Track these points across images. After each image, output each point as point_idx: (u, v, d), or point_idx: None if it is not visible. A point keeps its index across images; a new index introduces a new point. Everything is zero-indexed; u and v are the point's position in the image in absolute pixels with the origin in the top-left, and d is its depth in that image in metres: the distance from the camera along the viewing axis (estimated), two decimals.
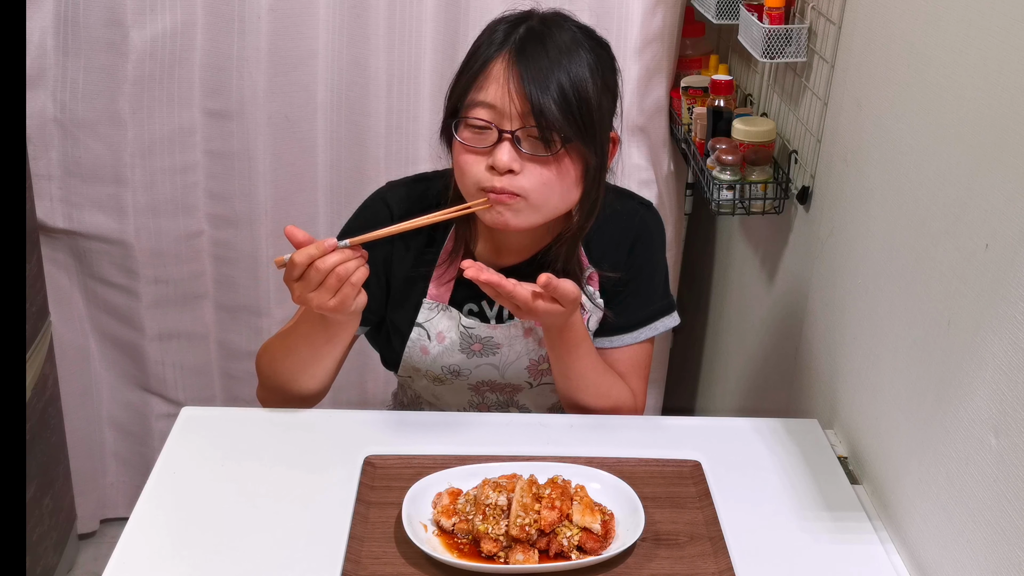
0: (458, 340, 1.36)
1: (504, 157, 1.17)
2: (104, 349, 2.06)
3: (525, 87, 1.16)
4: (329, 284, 1.15)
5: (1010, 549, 0.90)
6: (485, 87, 1.18)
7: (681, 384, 2.37)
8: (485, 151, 1.19)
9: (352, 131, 1.91)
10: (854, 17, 1.35)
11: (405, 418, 1.36)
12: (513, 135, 1.18)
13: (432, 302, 1.36)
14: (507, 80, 1.17)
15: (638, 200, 1.43)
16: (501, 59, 1.18)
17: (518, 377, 1.40)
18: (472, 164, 1.20)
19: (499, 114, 1.18)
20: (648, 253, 1.38)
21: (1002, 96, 0.94)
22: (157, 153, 1.87)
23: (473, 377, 1.40)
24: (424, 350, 1.37)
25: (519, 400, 1.45)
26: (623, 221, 1.38)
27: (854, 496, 1.22)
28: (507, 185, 1.18)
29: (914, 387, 1.11)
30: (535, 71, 1.17)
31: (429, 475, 1.17)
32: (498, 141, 1.18)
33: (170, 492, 1.18)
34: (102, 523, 2.20)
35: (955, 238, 1.03)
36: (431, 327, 1.36)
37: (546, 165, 1.19)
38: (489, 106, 1.18)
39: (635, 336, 1.39)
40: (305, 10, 1.80)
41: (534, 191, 1.19)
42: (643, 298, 1.39)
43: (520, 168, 1.18)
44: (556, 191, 1.21)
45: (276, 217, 1.94)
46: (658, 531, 1.13)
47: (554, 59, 1.18)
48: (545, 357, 1.38)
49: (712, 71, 1.84)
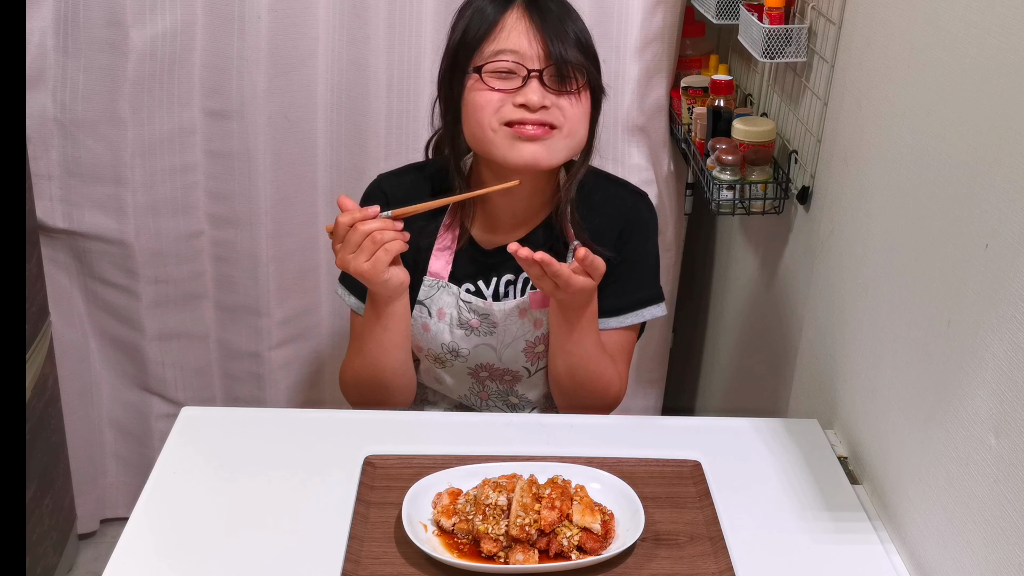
0: (457, 316, 1.40)
1: (535, 95, 1.27)
2: (104, 349, 2.06)
3: (544, 31, 1.27)
4: (365, 247, 1.25)
5: (1010, 549, 0.90)
6: (503, 35, 1.28)
7: (681, 384, 2.36)
8: (511, 91, 1.28)
9: (352, 131, 1.91)
10: (854, 17, 1.35)
11: (405, 418, 1.36)
12: (541, 74, 1.27)
13: (432, 279, 1.41)
14: (527, 27, 1.28)
15: (632, 188, 1.48)
16: (514, 11, 1.29)
17: (515, 361, 1.43)
18: (496, 100, 1.28)
19: (522, 57, 1.28)
20: (640, 240, 1.43)
21: (1002, 96, 0.94)
22: (157, 153, 1.87)
23: (472, 359, 1.42)
24: (425, 327, 1.41)
25: (518, 390, 1.47)
26: (616, 205, 1.42)
27: (854, 496, 1.22)
28: (543, 118, 1.27)
29: (914, 387, 1.11)
30: (549, 18, 1.29)
31: (429, 475, 1.17)
32: (523, 84, 1.27)
33: (170, 492, 1.18)
34: (102, 523, 2.20)
35: (955, 238, 1.03)
36: (431, 304, 1.41)
37: (572, 98, 1.29)
38: (512, 51, 1.27)
39: (621, 320, 1.42)
40: (305, 10, 1.80)
41: (567, 123, 1.29)
42: (631, 283, 1.42)
43: (550, 103, 1.28)
44: (583, 123, 1.32)
45: (276, 217, 1.94)
46: (658, 531, 1.13)
47: (560, 9, 1.31)
48: (541, 339, 1.41)
49: (712, 71, 1.84)
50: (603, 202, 1.41)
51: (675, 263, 2.07)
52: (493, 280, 1.42)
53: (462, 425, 1.35)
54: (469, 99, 1.30)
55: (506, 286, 1.42)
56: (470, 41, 1.29)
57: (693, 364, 2.30)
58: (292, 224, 1.97)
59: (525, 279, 1.42)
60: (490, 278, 1.42)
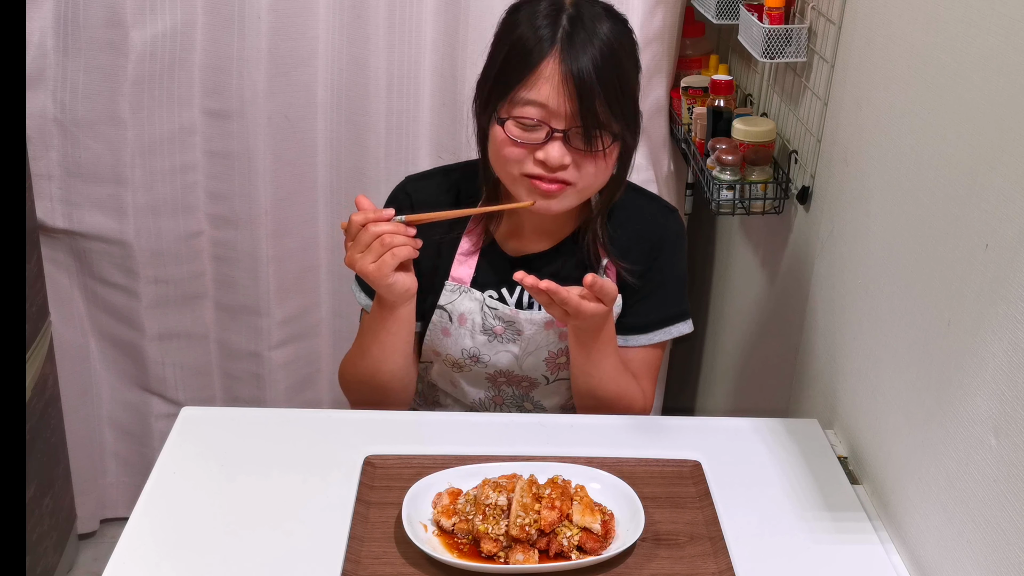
0: (480, 321, 1.39)
1: (556, 155, 1.23)
2: (104, 349, 2.06)
3: (576, 88, 1.20)
4: (373, 248, 1.24)
5: (1010, 549, 0.90)
6: (536, 86, 1.22)
7: (681, 384, 2.37)
8: (532, 145, 1.24)
9: (352, 131, 1.91)
10: (854, 17, 1.35)
11: (405, 418, 1.36)
12: (565, 134, 1.23)
13: (454, 284, 1.39)
14: (560, 82, 1.21)
15: (663, 204, 1.46)
16: (551, 58, 1.21)
17: (535, 370, 1.42)
18: (519, 156, 1.25)
19: (549, 113, 1.22)
20: (669, 257, 1.41)
21: (1002, 96, 0.94)
22: (157, 153, 1.87)
23: (491, 365, 1.41)
24: (445, 331, 1.40)
25: (534, 396, 1.46)
26: (647, 222, 1.41)
27: (854, 496, 1.22)
28: (559, 177, 1.25)
29: (914, 387, 1.11)
30: (585, 71, 1.20)
31: (429, 475, 1.17)
32: (547, 139, 1.23)
33: (170, 492, 1.18)
34: (102, 523, 2.20)
35: (955, 238, 1.03)
36: (453, 309, 1.39)
37: (593, 160, 1.25)
38: (541, 105, 1.22)
39: (650, 338, 1.42)
40: (305, 10, 1.80)
41: (583, 180, 1.26)
42: (661, 301, 1.41)
43: (570, 162, 1.25)
44: (601, 179, 1.29)
45: (276, 217, 1.94)
46: (658, 531, 1.13)
47: (600, 54, 1.22)
48: (564, 351, 1.39)
49: (712, 71, 1.84)
50: (633, 218, 1.40)
51: None
52: (517, 288, 1.40)
53: (462, 425, 1.35)
54: (495, 138, 1.27)
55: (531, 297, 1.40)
56: (504, 81, 1.24)
57: (693, 364, 2.30)
58: (292, 224, 1.97)
59: None
60: (514, 286, 1.40)
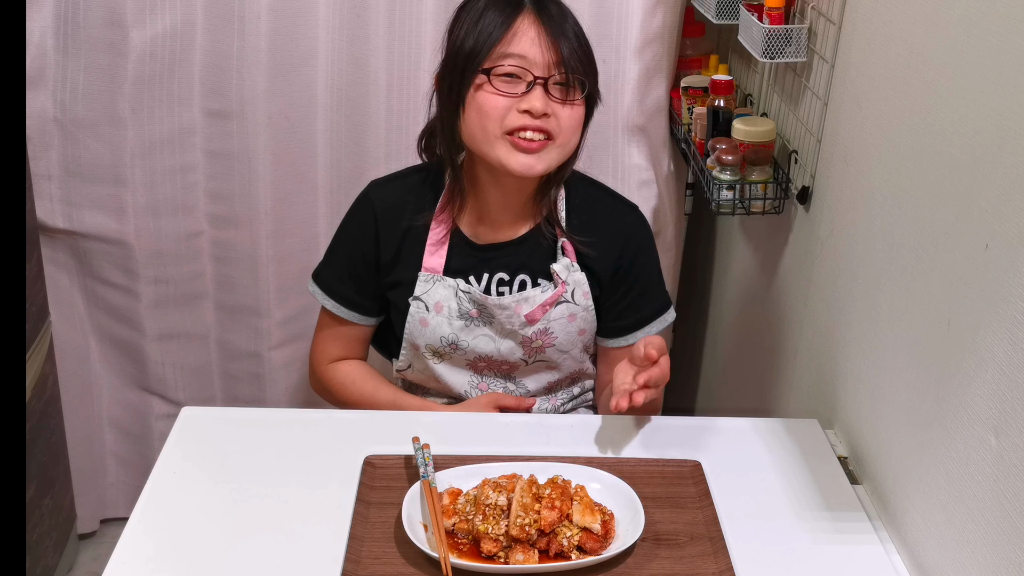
0: (456, 307, 1.42)
1: (539, 103, 1.29)
2: (104, 349, 2.06)
3: (554, 39, 1.30)
4: None
5: (1010, 549, 0.90)
6: (514, 40, 1.30)
7: (681, 384, 2.36)
8: (515, 96, 1.30)
9: (352, 131, 1.91)
10: (854, 17, 1.35)
11: (405, 418, 1.36)
12: (546, 82, 1.30)
13: (427, 274, 1.43)
14: (537, 33, 1.30)
15: (627, 203, 1.50)
16: (525, 17, 1.30)
17: (513, 353, 1.44)
18: (502, 107, 1.31)
19: (530, 63, 1.30)
20: (644, 258, 1.47)
21: (1002, 96, 0.94)
22: (157, 153, 1.87)
23: (471, 351, 1.44)
24: (423, 322, 1.43)
25: (517, 377, 1.48)
26: (614, 224, 1.46)
27: (854, 496, 1.22)
28: (542, 125, 1.30)
29: (914, 387, 1.11)
30: (557, 24, 1.31)
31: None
32: (528, 90, 1.29)
33: (170, 492, 1.18)
34: (102, 523, 2.20)
35: (955, 238, 1.03)
36: (428, 298, 1.43)
37: (571, 108, 1.32)
38: (520, 56, 1.30)
39: (646, 331, 1.47)
40: (305, 10, 1.80)
41: (563, 131, 1.32)
42: (645, 299, 1.47)
43: (551, 112, 1.31)
44: (575, 135, 1.35)
45: (276, 217, 1.94)
46: (658, 531, 1.14)
47: (564, 14, 1.33)
48: (537, 334, 1.42)
49: (712, 71, 1.84)
50: (601, 218, 1.45)
51: (675, 263, 2.06)
52: (485, 276, 1.43)
53: (462, 425, 1.35)
54: (475, 101, 1.31)
55: (499, 285, 1.43)
56: (481, 43, 1.30)
57: (693, 364, 2.30)
58: (292, 224, 1.96)
59: (521, 281, 1.43)
60: (481, 273, 1.44)
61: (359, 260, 1.47)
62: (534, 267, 1.43)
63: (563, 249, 1.42)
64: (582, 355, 1.49)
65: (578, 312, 1.43)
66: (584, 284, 1.42)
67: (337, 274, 1.50)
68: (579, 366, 1.50)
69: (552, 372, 1.48)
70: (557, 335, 1.43)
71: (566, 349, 1.45)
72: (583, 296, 1.42)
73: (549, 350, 1.44)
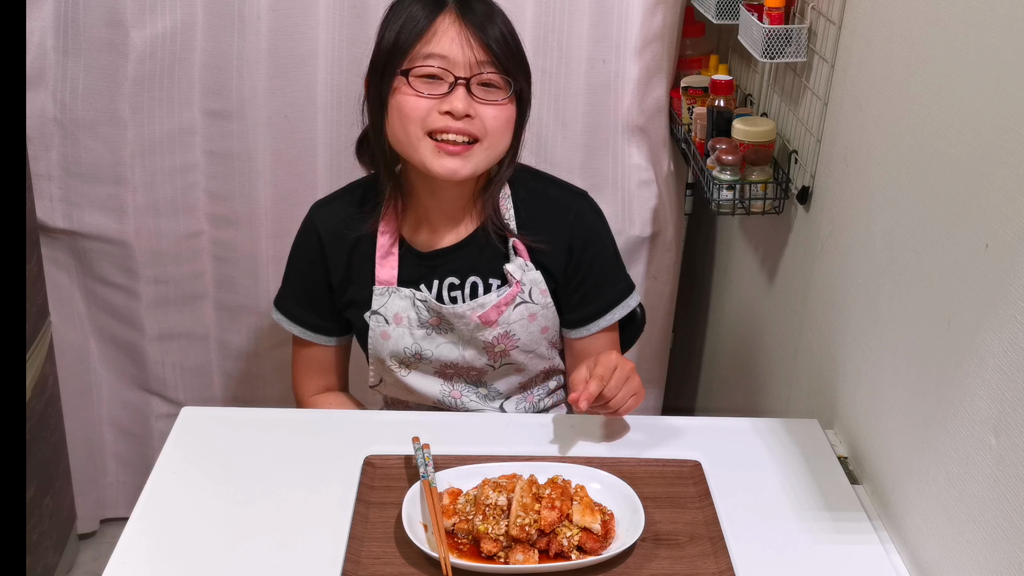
0: (416, 316, 1.41)
1: (460, 103, 1.26)
2: (104, 349, 2.06)
3: (478, 37, 1.27)
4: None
5: (1010, 549, 0.90)
6: (434, 40, 1.26)
7: (681, 384, 2.36)
8: (436, 97, 1.27)
9: (352, 131, 1.90)
10: (854, 17, 1.35)
11: (405, 418, 1.36)
12: (468, 82, 1.27)
13: (382, 287, 1.42)
14: (458, 32, 1.26)
15: (573, 190, 1.48)
16: (446, 16, 1.27)
17: (478, 358, 1.44)
18: (422, 108, 1.28)
19: (451, 63, 1.27)
20: (595, 246, 1.44)
21: (1002, 96, 0.94)
22: (157, 153, 1.87)
23: (436, 359, 1.43)
24: (384, 335, 1.43)
25: (487, 382, 1.48)
26: (559, 215, 1.43)
27: (854, 496, 1.22)
28: (465, 128, 1.28)
29: (914, 387, 1.11)
30: (481, 23, 1.28)
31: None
32: (450, 90, 1.26)
33: (170, 492, 1.18)
34: (102, 523, 2.20)
35: (955, 238, 1.03)
36: (386, 311, 1.42)
37: (496, 108, 1.29)
38: (441, 56, 1.27)
39: (609, 319, 1.46)
40: (305, 10, 1.80)
41: (490, 133, 1.30)
42: (603, 287, 1.45)
43: (475, 113, 1.28)
44: (504, 136, 1.32)
45: (276, 217, 1.94)
46: (658, 531, 1.14)
47: (489, 11, 1.30)
48: (499, 338, 1.41)
49: (712, 71, 1.83)
50: (547, 213, 1.42)
51: (675, 263, 2.06)
52: (435, 283, 1.42)
53: (461, 425, 1.35)
54: (396, 102, 1.29)
55: (450, 289, 1.42)
56: (401, 43, 1.28)
57: (693, 364, 2.30)
58: (292, 224, 1.95)
59: (472, 284, 1.42)
60: (431, 281, 1.42)
61: (312, 286, 1.47)
62: (482, 268, 1.41)
63: (515, 249, 1.41)
64: (550, 351, 1.48)
65: (537, 311, 1.42)
66: (540, 282, 1.41)
67: (296, 300, 1.50)
68: (548, 363, 1.49)
69: (520, 374, 1.48)
70: (519, 336, 1.42)
71: (530, 349, 1.44)
72: (540, 294, 1.41)
73: (513, 352, 1.43)
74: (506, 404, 1.49)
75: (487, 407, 1.48)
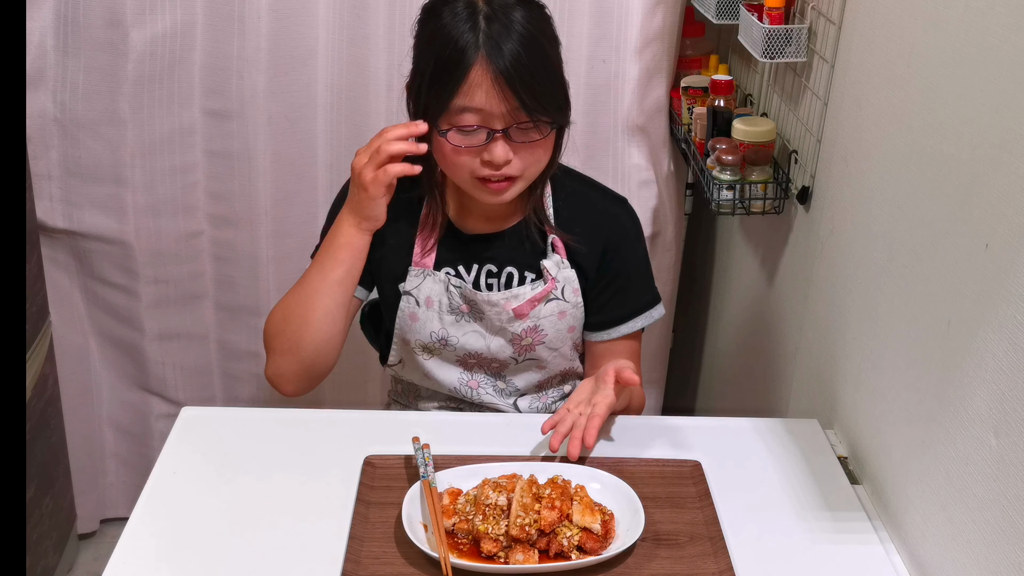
0: (447, 302, 1.42)
1: (500, 153, 1.27)
2: (104, 349, 2.06)
3: (510, 87, 1.24)
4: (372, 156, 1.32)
5: (1010, 549, 0.90)
6: (469, 93, 1.25)
7: (681, 384, 2.37)
8: (475, 148, 1.28)
9: (352, 131, 1.91)
10: (854, 17, 1.35)
11: (405, 418, 1.36)
12: (505, 132, 1.27)
13: (417, 269, 1.43)
14: (491, 85, 1.24)
15: (612, 196, 1.49)
16: (478, 64, 1.24)
17: (502, 351, 1.44)
18: (467, 161, 1.30)
19: (487, 116, 1.26)
20: (628, 252, 1.46)
21: (1002, 96, 0.94)
22: (157, 153, 1.87)
23: (460, 347, 1.44)
24: (413, 316, 1.43)
25: (506, 375, 1.48)
26: (597, 219, 1.45)
27: (854, 496, 1.22)
28: (505, 173, 1.29)
29: (914, 387, 1.11)
30: (513, 65, 1.24)
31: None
32: (489, 140, 1.27)
33: (170, 492, 1.18)
34: (102, 523, 2.20)
35: (955, 238, 1.03)
36: (419, 293, 1.42)
37: (535, 146, 1.30)
38: (477, 111, 1.26)
39: (631, 326, 1.46)
40: (305, 10, 1.80)
41: (527, 170, 1.32)
42: (630, 293, 1.46)
43: (514, 155, 1.29)
44: (543, 163, 1.34)
45: (276, 217, 1.94)
46: (658, 531, 1.14)
47: (521, 47, 1.24)
48: (527, 332, 1.42)
49: (712, 71, 1.84)
50: (586, 213, 1.44)
51: (675, 263, 2.07)
52: (474, 267, 1.43)
53: (462, 425, 1.35)
54: (439, 144, 1.30)
55: (487, 277, 1.43)
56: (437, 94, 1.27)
57: (693, 364, 2.30)
58: (292, 224, 1.97)
59: (508, 274, 1.43)
60: (471, 264, 1.43)
61: None
62: (520, 260, 1.43)
63: (553, 246, 1.42)
64: (572, 353, 1.49)
65: (568, 309, 1.43)
66: (574, 281, 1.42)
67: None
68: (568, 364, 1.50)
69: (541, 371, 1.48)
70: (547, 332, 1.43)
71: (556, 347, 1.45)
72: (573, 293, 1.42)
73: (539, 347, 1.44)
74: (520, 401, 1.50)
75: (501, 402, 1.48)
